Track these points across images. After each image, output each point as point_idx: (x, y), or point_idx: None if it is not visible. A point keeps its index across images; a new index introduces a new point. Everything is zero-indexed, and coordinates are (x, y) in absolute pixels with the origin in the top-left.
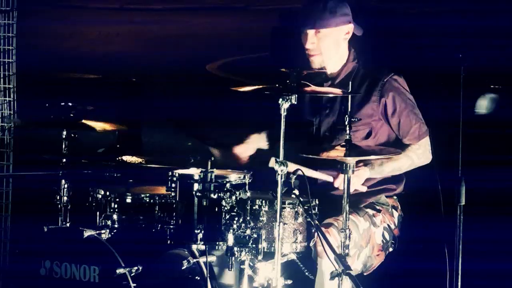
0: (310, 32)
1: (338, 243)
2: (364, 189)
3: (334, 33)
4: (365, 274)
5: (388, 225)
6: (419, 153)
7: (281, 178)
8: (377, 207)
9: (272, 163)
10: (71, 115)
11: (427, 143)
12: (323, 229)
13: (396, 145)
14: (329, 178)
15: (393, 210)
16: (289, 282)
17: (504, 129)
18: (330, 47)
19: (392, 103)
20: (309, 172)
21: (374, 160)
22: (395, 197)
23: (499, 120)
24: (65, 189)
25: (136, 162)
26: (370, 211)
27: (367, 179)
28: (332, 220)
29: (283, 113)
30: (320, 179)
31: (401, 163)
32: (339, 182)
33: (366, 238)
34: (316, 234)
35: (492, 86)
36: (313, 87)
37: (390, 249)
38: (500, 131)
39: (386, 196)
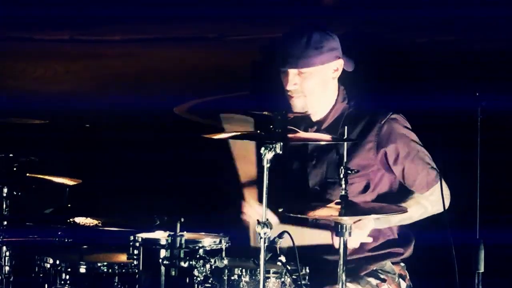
0: (292, 72)
1: None
2: (370, 239)
3: (320, 72)
4: None
5: None
6: (432, 200)
7: (265, 242)
8: (382, 276)
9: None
10: (14, 168)
11: (445, 187)
12: None
13: (401, 194)
14: (330, 240)
15: (400, 279)
16: None
17: None
18: (315, 88)
19: (394, 150)
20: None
21: None
22: (402, 264)
23: None
24: (6, 258)
25: (91, 224)
26: (373, 281)
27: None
28: None
29: (266, 165)
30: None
31: (411, 213)
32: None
33: None
34: None
35: None
36: (303, 134)
37: None
38: None
39: (392, 263)
